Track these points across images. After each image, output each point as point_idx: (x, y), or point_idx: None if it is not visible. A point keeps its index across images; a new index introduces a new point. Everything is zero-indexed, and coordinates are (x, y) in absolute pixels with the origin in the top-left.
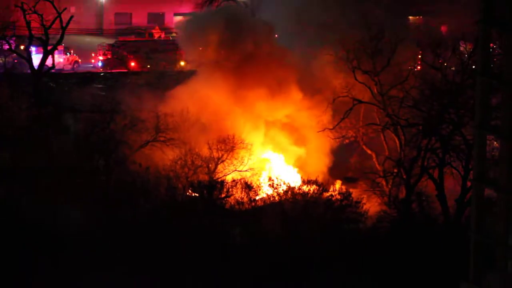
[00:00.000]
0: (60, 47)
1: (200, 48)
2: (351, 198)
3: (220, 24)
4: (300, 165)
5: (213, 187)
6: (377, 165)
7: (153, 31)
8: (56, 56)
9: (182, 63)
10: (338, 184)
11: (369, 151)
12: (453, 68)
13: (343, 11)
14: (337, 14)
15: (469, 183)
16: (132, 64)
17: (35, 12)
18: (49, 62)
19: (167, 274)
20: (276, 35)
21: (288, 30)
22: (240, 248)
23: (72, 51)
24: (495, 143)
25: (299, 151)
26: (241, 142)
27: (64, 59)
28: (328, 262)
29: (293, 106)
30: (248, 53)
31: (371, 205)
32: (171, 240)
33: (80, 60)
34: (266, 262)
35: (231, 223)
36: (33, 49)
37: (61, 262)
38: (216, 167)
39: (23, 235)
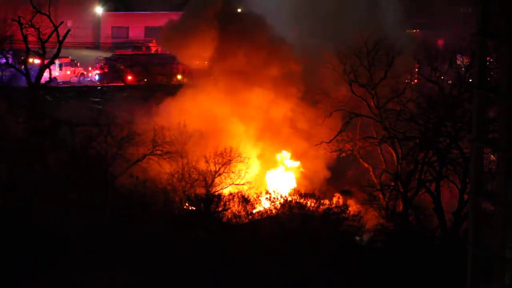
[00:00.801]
0: (67, 60)
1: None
2: (348, 211)
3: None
4: (298, 176)
5: (210, 201)
6: (374, 178)
7: (150, 44)
8: (64, 68)
9: (179, 77)
10: (335, 198)
11: (366, 165)
12: (450, 82)
13: (342, 23)
14: (335, 25)
15: (466, 196)
16: (129, 77)
17: (32, 26)
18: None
19: (165, 286)
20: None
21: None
22: (237, 261)
23: (78, 64)
24: (492, 156)
25: (297, 163)
26: (238, 156)
27: (71, 71)
28: (325, 275)
29: (292, 114)
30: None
31: (368, 218)
32: (168, 252)
33: (85, 73)
34: (263, 274)
35: (228, 236)
36: None
37: (57, 274)
38: (213, 181)
39: (20, 245)
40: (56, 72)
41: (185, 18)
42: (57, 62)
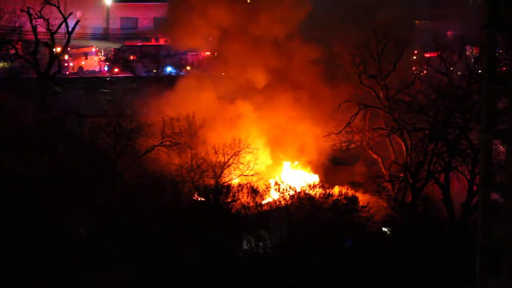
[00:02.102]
0: (92, 49)
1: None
2: (357, 203)
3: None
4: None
5: (219, 192)
6: (383, 170)
7: (159, 35)
8: (89, 57)
9: (188, 68)
10: (344, 189)
11: (375, 156)
12: (459, 73)
13: (350, 14)
14: (344, 16)
15: (475, 188)
16: (138, 68)
17: (41, 17)
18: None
19: (174, 277)
20: None
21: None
22: (246, 253)
23: (103, 53)
24: (501, 147)
25: (305, 154)
26: (247, 147)
27: (95, 61)
28: (334, 266)
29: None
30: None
31: (377, 210)
32: (177, 243)
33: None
34: (272, 266)
35: (237, 227)
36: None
37: (62, 264)
38: (222, 172)
39: (26, 238)
40: (82, 61)
41: (173, 11)
42: (83, 51)
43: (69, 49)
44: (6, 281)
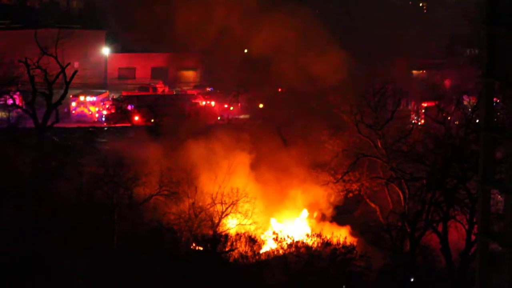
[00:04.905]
0: (107, 95)
1: None
2: (355, 252)
3: None
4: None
5: (217, 241)
6: (381, 219)
7: (157, 85)
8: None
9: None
10: (342, 238)
11: (373, 205)
12: (457, 122)
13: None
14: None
15: (473, 237)
16: (136, 118)
17: (38, 67)
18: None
19: None
20: None
21: None
22: None
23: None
24: (499, 196)
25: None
26: (245, 196)
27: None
28: None
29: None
30: None
31: (375, 259)
32: None
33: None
34: None
35: (235, 276)
36: None
37: None
38: (220, 221)
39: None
40: (100, 107)
41: None
42: (101, 97)
43: (94, 97)
44: None
